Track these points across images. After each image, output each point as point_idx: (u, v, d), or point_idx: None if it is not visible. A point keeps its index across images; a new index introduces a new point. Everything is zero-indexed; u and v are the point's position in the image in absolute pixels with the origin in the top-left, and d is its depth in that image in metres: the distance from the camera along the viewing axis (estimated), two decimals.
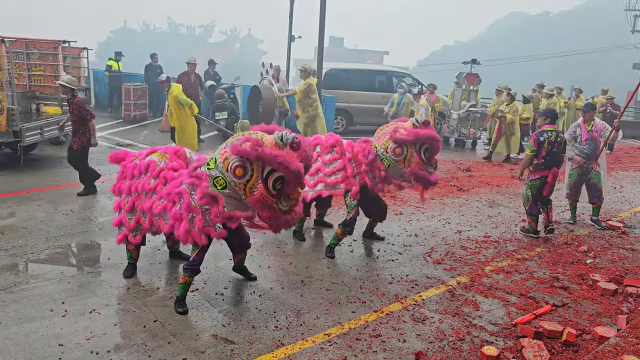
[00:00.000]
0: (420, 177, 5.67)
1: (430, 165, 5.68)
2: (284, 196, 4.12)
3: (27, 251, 5.55)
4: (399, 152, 5.59)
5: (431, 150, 5.62)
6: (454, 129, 15.07)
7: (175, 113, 9.36)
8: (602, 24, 63.87)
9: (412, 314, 4.63)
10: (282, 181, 4.00)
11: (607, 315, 4.78)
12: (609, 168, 12.18)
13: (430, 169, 5.69)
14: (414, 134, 5.49)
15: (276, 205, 4.10)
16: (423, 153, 5.59)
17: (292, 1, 18.33)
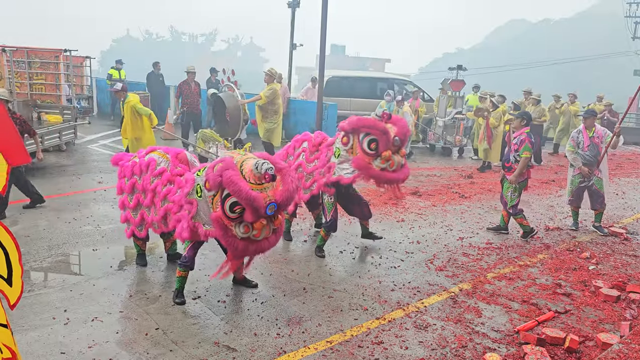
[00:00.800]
0: (362, 169, 5.52)
1: (376, 157, 5.48)
2: (245, 223, 4.08)
3: (29, 259, 5.56)
4: (345, 141, 5.61)
5: (378, 143, 5.43)
6: (439, 136, 14.63)
7: (131, 124, 8.57)
8: (602, 31, 64.02)
9: (414, 321, 4.62)
10: (240, 207, 4.01)
11: (610, 322, 4.77)
12: (611, 174, 12.17)
13: (378, 163, 5.49)
14: (354, 121, 5.49)
15: (233, 228, 4.10)
16: (367, 144, 5.46)
17: (294, 9, 18.45)
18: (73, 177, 9.38)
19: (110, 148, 12.47)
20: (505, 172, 7.05)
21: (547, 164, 13.91)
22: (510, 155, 6.95)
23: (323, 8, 15.13)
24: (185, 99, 12.50)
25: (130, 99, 8.61)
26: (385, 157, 5.45)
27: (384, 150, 5.43)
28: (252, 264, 4.76)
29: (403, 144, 5.61)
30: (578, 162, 7.40)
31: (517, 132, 7.01)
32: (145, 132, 8.67)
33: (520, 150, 6.80)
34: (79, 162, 10.73)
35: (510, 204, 6.99)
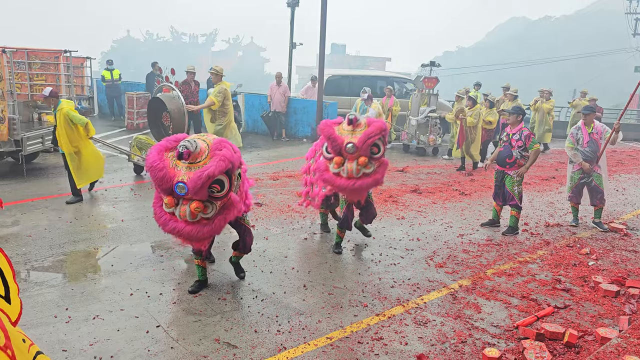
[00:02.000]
0: (320, 172, 5.66)
1: (330, 161, 5.57)
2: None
3: (31, 259, 5.59)
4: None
5: (330, 145, 5.53)
6: (412, 135, 13.98)
7: (66, 135, 7.51)
8: (603, 28, 63.94)
9: (414, 317, 4.64)
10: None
11: (609, 317, 4.78)
12: (612, 170, 12.17)
13: (332, 167, 5.54)
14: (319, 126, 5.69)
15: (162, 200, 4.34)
16: (325, 148, 5.64)
17: (293, 9, 18.46)
18: None
19: (110, 148, 12.49)
20: (506, 168, 7.06)
21: (547, 161, 13.91)
22: (512, 152, 6.97)
23: (322, 7, 15.15)
24: (185, 99, 12.52)
25: (63, 106, 7.55)
26: (336, 162, 5.50)
27: (334, 155, 5.53)
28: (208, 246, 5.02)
29: (360, 151, 5.39)
30: (578, 158, 7.42)
31: (516, 128, 7.03)
32: (84, 142, 7.77)
33: (529, 144, 6.90)
34: None
35: (517, 197, 7.05)
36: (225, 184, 4.23)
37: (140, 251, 5.94)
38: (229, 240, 5.91)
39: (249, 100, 16.11)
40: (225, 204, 4.35)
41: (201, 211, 4.19)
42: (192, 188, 4.05)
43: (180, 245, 4.78)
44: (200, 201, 4.17)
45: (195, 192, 4.08)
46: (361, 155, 5.40)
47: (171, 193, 4.18)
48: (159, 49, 63.46)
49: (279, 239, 6.56)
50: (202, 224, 4.25)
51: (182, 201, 4.20)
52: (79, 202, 7.71)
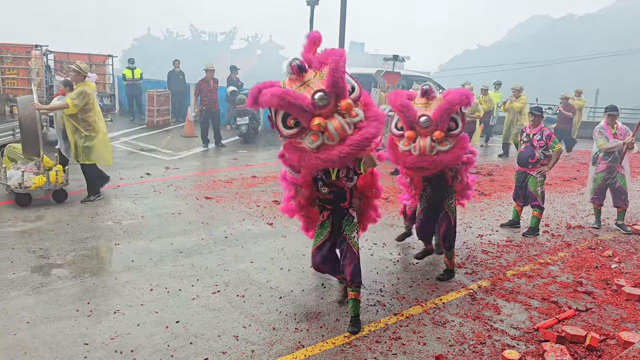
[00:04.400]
0: (388, 150, 5.31)
1: (400, 137, 5.14)
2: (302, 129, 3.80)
3: (53, 253, 5.69)
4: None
5: (403, 117, 5.06)
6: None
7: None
8: (628, 26, 62.76)
9: (432, 317, 4.61)
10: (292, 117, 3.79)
11: (632, 321, 4.70)
12: (636, 172, 11.95)
13: (401, 145, 5.09)
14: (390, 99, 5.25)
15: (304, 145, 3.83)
16: (395, 123, 5.24)
17: (313, 7, 18.46)
18: None
19: (131, 145, 12.66)
20: (529, 168, 6.97)
21: (569, 161, 13.71)
22: (535, 152, 6.88)
23: (342, 5, 15.14)
24: (204, 97, 12.61)
25: None
26: (408, 137, 4.98)
27: (406, 129, 5.00)
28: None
29: (436, 125, 4.86)
30: (617, 142, 7.22)
31: (536, 128, 6.94)
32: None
33: (551, 144, 6.83)
34: None
35: (540, 197, 6.98)
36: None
37: (160, 247, 6.00)
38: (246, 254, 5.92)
39: None
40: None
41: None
42: (334, 87, 3.68)
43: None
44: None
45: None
46: (437, 129, 4.88)
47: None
48: (179, 47, 64.00)
49: (297, 236, 6.56)
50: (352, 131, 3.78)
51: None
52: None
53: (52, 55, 13.12)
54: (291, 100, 3.64)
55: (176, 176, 9.64)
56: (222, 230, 6.66)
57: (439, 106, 4.90)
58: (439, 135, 4.85)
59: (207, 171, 10.31)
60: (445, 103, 4.87)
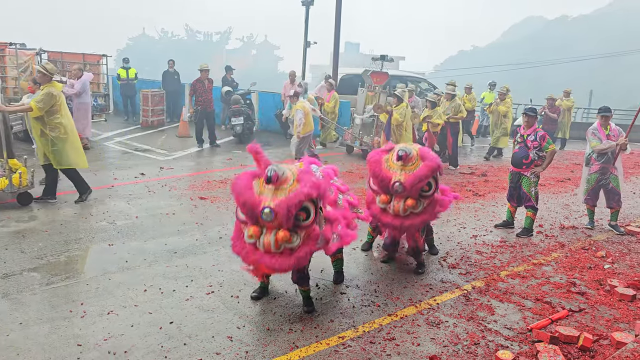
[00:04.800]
0: (367, 202, 5.52)
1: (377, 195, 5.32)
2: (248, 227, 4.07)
3: (47, 253, 5.66)
4: None
5: (377, 183, 5.29)
6: (355, 137, 12.53)
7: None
8: (622, 27, 63.09)
9: (426, 318, 4.62)
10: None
11: (625, 321, 4.73)
12: (629, 173, 12.01)
13: (380, 203, 5.27)
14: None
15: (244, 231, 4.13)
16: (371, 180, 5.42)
17: (308, 7, 18.47)
18: (89, 173, 9.48)
19: (125, 145, 12.62)
20: (523, 169, 6.99)
21: (563, 162, 13.77)
22: (529, 153, 6.91)
23: (337, 6, 15.15)
24: (199, 97, 12.58)
25: None
26: (382, 200, 5.19)
27: (380, 192, 5.22)
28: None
29: (409, 191, 5.02)
30: (610, 143, 7.24)
31: (530, 129, 6.96)
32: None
33: (545, 145, 6.86)
34: (95, 158, 10.86)
35: (534, 198, 7.02)
36: (311, 212, 4.02)
37: (154, 248, 5.99)
38: None
39: (263, 99, 16.14)
40: (310, 234, 4.09)
41: (287, 241, 3.94)
42: (282, 213, 3.83)
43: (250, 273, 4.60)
44: (287, 230, 3.94)
45: (283, 219, 3.86)
46: (409, 197, 5.07)
47: (256, 221, 3.96)
48: (174, 47, 63.88)
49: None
50: (286, 254, 4.01)
51: (265, 231, 3.97)
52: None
53: (45, 54, 13.06)
54: (247, 202, 3.94)
55: (170, 176, 9.62)
56: (216, 231, 6.64)
57: (415, 173, 5.00)
58: (411, 203, 5.06)
59: (202, 171, 10.29)
60: (414, 177, 4.98)
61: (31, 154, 9.42)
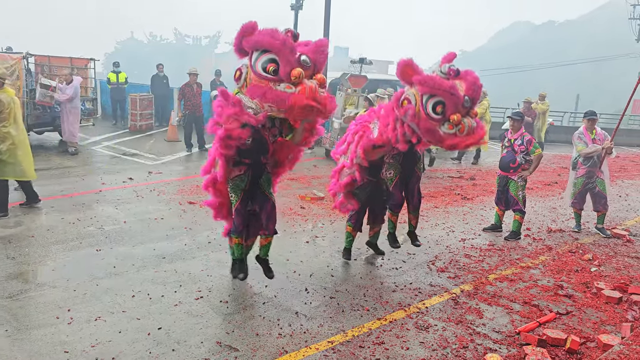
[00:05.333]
0: (430, 135, 4.85)
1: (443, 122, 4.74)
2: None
3: (33, 259, 5.60)
4: (406, 103, 4.91)
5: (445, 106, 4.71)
6: (333, 141, 11.91)
7: None
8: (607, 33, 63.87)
9: (415, 322, 4.63)
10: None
11: (611, 324, 4.77)
12: (615, 176, 12.16)
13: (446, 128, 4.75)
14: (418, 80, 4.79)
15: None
16: (432, 107, 4.73)
17: (297, 12, 18.51)
18: (77, 178, 9.43)
19: (113, 150, 12.54)
20: (510, 173, 7.05)
21: (550, 166, 13.90)
22: (516, 157, 6.96)
23: (326, 10, 15.20)
24: (187, 101, 12.53)
25: None
26: (454, 122, 4.69)
27: (452, 114, 4.69)
28: None
29: (474, 103, 4.85)
30: (596, 147, 7.31)
31: (517, 133, 7.02)
32: None
33: (531, 149, 6.93)
34: (82, 163, 10.79)
35: (521, 201, 7.07)
36: None
37: (142, 253, 5.95)
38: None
39: None
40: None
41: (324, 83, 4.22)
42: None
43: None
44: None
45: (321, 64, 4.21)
46: (472, 108, 4.89)
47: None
48: (163, 50, 63.54)
49: (281, 242, 6.55)
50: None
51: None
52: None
53: (32, 58, 12.94)
54: (284, 48, 3.96)
55: (159, 181, 9.57)
56: (205, 236, 6.62)
57: (469, 82, 4.81)
58: (475, 112, 4.95)
59: (191, 176, 10.24)
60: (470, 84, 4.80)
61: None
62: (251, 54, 4.16)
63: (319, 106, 4.07)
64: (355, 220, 5.97)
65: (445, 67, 4.85)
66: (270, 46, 4.00)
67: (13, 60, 11.64)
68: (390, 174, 5.77)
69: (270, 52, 4.08)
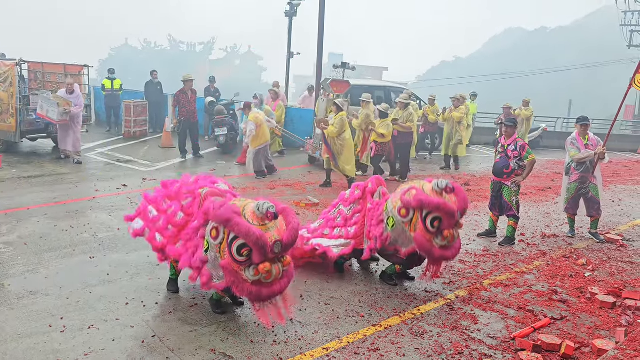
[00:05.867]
0: (423, 247, 5.11)
1: (437, 235, 5.06)
2: (254, 266, 4.05)
3: (26, 267, 5.56)
4: (404, 214, 5.18)
5: (441, 222, 5.02)
6: (316, 147, 12.07)
7: None
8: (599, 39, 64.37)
9: (410, 328, 4.63)
10: (247, 249, 4.02)
11: (605, 329, 4.78)
12: (608, 181, 12.22)
13: (439, 241, 5.07)
14: (421, 200, 5.02)
15: (243, 273, 4.09)
16: (431, 222, 5.03)
17: (291, 18, 18.57)
18: (70, 185, 9.38)
19: (107, 156, 12.49)
20: (503, 178, 7.08)
21: (544, 171, 13.96)
22: (510, 162, 6.99)
23: (320, 17, 15.25)
24: (182, 107, 12.50)
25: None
26: (447, 236, 5.06)
27: (446, 229, 5.06)
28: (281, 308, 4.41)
29: (462, 217, 5.26)
30: (589, 152, 7.34)
31: (510, 139, 7.06)
32: None
33: (524, 154, 6.95)
34: (76, 170, 10.74)
35: (515, 207, 7.10)
36: None
37: (136, 260, 5.92)
38: None
39: None
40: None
41: (289, 263, 4.28)
42: (291, 242, 4.18)
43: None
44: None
45: (290, 247, 4.22)
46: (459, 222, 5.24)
47: (266, 256, 4.06)
48: (157, 57, 63.53)
49: None
50: (284, 275, 4.26)
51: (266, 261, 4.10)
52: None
53: (26, 65, 12.90)
54: (260, 242, 3.99)
55: (153, 187, 9.52)
56: None
57: (461, 198, 5.17)
58: (461, 225, 5.30)
59: None
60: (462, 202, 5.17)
61: None
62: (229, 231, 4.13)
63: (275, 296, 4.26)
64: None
65: (443, 184, 5.09)
66: (248, 241, 4.01)
67: (6, 67, 11.61)
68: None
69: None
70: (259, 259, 4.03)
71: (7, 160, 11.00)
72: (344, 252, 5.62)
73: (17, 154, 12.06)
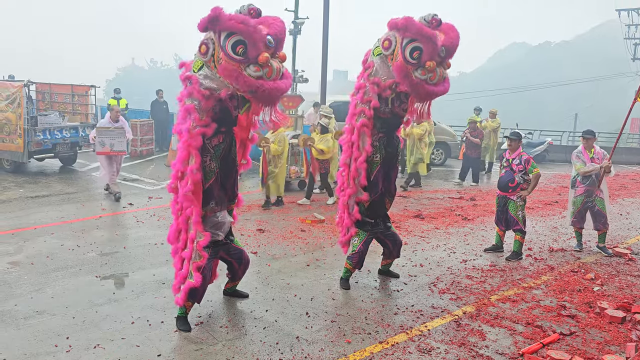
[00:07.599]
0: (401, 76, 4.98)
1: (417, 67, 4.87)
2: (253, 63, 4.10)
3: (33, 287, 5.57)
4: (387, 45, 5.11)
5: (422, 52, 4.82)
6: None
7: None
8: (603, 53, 64.53)
9: (417, 345, 4.59)
10: (243, 46, 4.06)
11: (615, 344, 4.72)
12: (615, 195, 12.15)
13: (418, 74, 4.88)
14: (400, 22, 4.91)
15: (244, 71, 4.12)
16: (410, 51, 4.86)
17: (295, 37, 18.75)
18: (77, 204, 9.44)
19: None
20: (509, 193, 7.06)
21: (550, 185, 13.90)
22: (515, 176, 6.98)
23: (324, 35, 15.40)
24: None
25: None
26: (428, 68, 4.84)
27: (427, 60, 4.82)
28: None
29: (449, 54, 4.98)
30: (594, 166, 7.33)
31: (515, 153, 7.05)
32: None
33: (529, 168, 6.95)
34: (82, 189, 10.81)
35: (521, 221, 7.07)
36: None
37: (142, 279, 5.92)
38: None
39: None
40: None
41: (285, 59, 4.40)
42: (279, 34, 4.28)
43: None
44: None
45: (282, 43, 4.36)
46: (448, 59, 5.00)
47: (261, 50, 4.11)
48: (163, 76, 64.17)
49: (281, 265, 6.53)
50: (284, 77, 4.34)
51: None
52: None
53: (34, 86, 13.08)
54: (254, 33, 4.07)
55: (159, 206, 9.57)
56: None
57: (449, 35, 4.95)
58: (449, 64, 5.05)
59: None
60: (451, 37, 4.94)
61: None
62: (219, 33, 4.19)
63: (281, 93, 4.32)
64: (356, 260, 5.87)
65: (429, 16, 4.95)
66: (240, 32, 4.07)
67: (14, 88, 11.78)
68: (376, 157, 5.69)
69: (238, 35, 4.15)
70: (256, 52, 4.06)
71: (14, 180, 11.10)
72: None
73: (25, 173, 12.17)
